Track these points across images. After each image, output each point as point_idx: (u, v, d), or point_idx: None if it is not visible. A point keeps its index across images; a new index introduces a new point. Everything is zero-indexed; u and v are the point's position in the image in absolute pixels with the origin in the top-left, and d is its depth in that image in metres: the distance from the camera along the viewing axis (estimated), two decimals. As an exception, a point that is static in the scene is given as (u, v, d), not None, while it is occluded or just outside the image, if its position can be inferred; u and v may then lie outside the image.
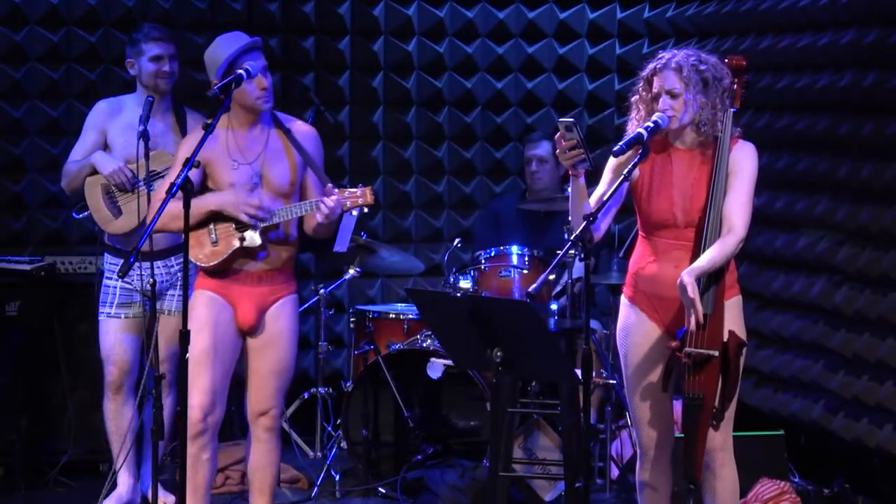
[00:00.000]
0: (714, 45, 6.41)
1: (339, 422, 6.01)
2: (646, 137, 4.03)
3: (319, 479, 5.85)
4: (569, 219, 4.31)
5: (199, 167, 4.40)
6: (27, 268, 5.88)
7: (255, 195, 4.65)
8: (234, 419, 6.24)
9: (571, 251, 3.99)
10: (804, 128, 5.82)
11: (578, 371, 4.30)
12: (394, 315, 6.14)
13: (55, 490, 5.80)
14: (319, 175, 4.72)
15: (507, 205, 6.58)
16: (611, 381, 5.67)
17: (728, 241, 4.08)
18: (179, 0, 6.68)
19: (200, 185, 4.70)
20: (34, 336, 5.87)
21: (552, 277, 5.85)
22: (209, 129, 4.47)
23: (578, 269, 5.55)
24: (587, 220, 3.90)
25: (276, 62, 6.88)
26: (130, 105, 5.38)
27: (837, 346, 5.51)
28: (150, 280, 4.52)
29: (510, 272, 5.86)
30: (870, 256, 5.36)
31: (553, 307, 5.80)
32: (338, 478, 5.85)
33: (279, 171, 4.69)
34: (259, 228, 4.62)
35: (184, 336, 4.31)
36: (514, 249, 5.91)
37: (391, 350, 5.86)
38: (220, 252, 4.67)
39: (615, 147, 4.03)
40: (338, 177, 7.07)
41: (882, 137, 5.31)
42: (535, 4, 7.22)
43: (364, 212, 4.67)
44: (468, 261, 6.23)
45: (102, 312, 5.37)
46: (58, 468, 5.83)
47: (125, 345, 5.36)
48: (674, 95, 4.10)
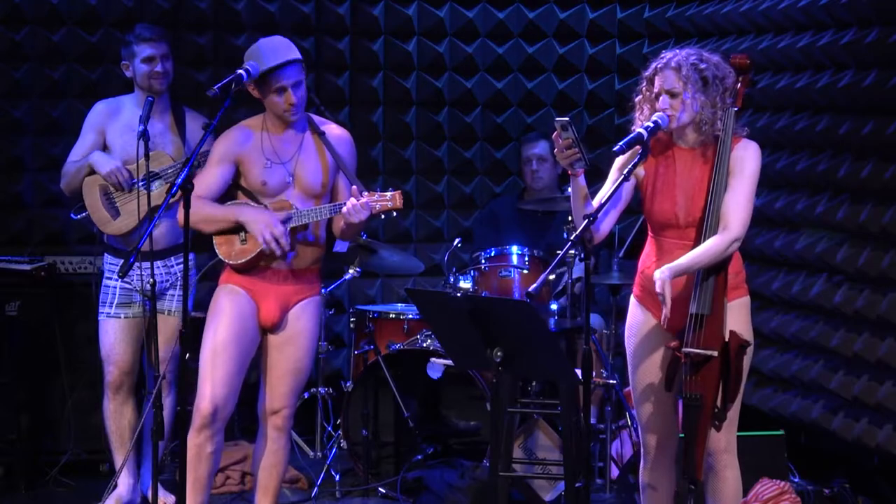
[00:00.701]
0: (714, 45, 6.41)
1: (339, 422, 6.02)
2: (645, 137, 4.03)
3: (319, 479, 5.85)
4: (569, 218, 4.31)
5: (198, 166, 4.40)
6: (27, 268, 5.88)
7: (287, 195, 4.69)
8: (235, 419, 6.24)
9: (571, 251, 3.99)
10: (804, 128, 5.82)
11: (578, 371, 4.30)
12: (394, 315, 6.14)
13: (55, 490, 5.80)
14: (350, 178, 4.74)
15: (506, 205, 6.58)
16: (611, 381, 5.67)
17: (717, 241, 4.06)
18: (179, 0, 6.67)
19: (233, 184, 4.75)
20: (34, 336, 5.87)
21: (552, 277, 5.85)
22: (209, 129, 4.48)
23: (578, 269, 5.55)
24: (587, 220, 3.91)
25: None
26: (129, 105, 5.38)
27: (837, 346, 5.52)
28: (151, 280, 4.52)
29: (510, 272, 5.86)
30: (870, 256, 5.36)
31: (553, 307, 5.81)
32: (338, 478, 5.85)
33: (311, 173, 4.73)
34: (287, 228, 4.63)
35: (184, 336, 4.32)
36: (514, 249, 5.91)
37: (391, 350, 5.86)
38: (248, 251, 4.70)
39: (615, 147, 4.04)
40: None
41: (882, 137, 5.31)
42: (535, 4, 7.22)
43: (393, 216, 4.68)
44: (468, 261, 6.22)
45: (102, 312, 5.38)
46: (58, 468, 5.83)
47: (125, 345, 5.37)
48: (673, 94, 4.11)
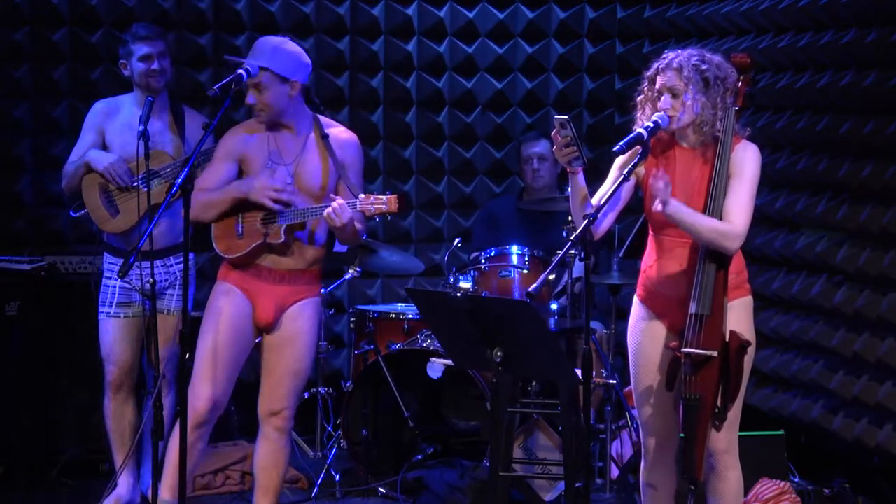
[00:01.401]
0: (714, 45, 6.41)
1: (339, 422, 6.02)
2: (646, 137, 4.03)
3: (319, 479, 5.85)
4: (569, 218, 4.32)
5: (198, 166, 4.40)
6: (27, 268, 5.88)
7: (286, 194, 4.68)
8: (234, 419, 6.24)
9: (571, 251, 3.99)
10: (804, 128, 5.82)
11: (578, 371, 4.30)
12: (394, 315, 6.14)
13: (55, 490, 5.80)
14: (346, 182, 4.73)
15: (505, 205, 6.58)
16: (611, 381, 5.67)
17: (720, 223, 4.04)
18: (179, 0, 6.67)
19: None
20: (34, 336, 5.87)
21: (552, 277, 5.85)
22: (209, 129, 4.48)
23: (578, 269, 5.55)
24: (588, 220, 3.91)
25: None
26: (128, 105, 5.38)
27: (837, 346, 5.52)
28: (150, 280, 4.52)
29: (510, 272, 5.86)
30: (870, 256, 5.36)
31: (553, 307, 5.80)
32: (338, 478, 5.85)
33: (311, 175, 4.73)
34: (284, 225, 4.63)
35: (184, 336, 4.32)
36: (514, 249, 5.91)
37: (391, 350, 5.86)
38: (242, 246, 4.70)
39: (616, 146, 4.04)
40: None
41: (882, 137, 5.31)
42: (535, 4, 7.22)
43: (387, 219, 4.68)
44: (467, 261, 6.22)
45: (102, 312, 5.37)
46: (58, 468, 5.83)
47: (125, 344, 5.36)
48: (675, 94, 4.11)
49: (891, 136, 5.26)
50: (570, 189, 4.18)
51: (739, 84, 4.20)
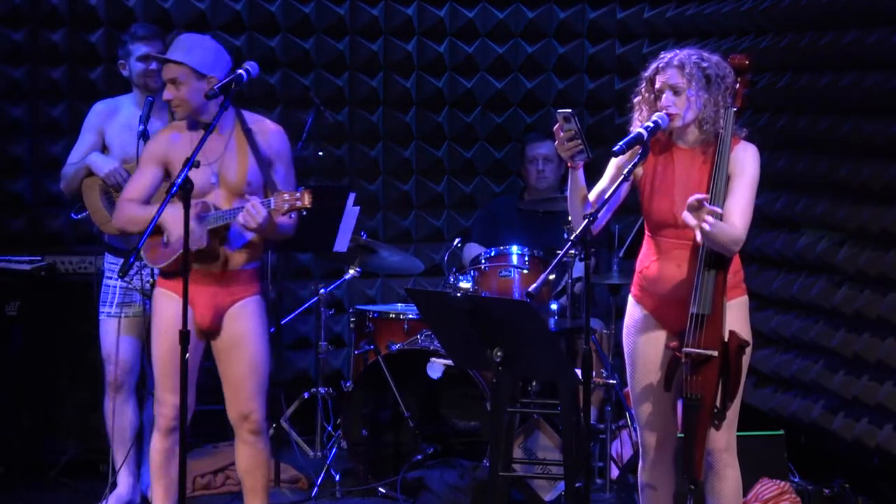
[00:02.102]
0: (714, 45, 6.41)
1: (339, 422, 6.02)
2: (646, 137, 4.03)
3: (319, 479, 5.85)
4: (569, 217, 4.31)
5: (198, 166, 4.38)
6: (27, 268, 5.88)
7: (214, 197, 4.61)
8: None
9: (571, 251, 3.99)
10: (804, 128, 5.82)
11: (578, 371, 4.30)
12: (394, 315, 6.14)
13: (55, 490, 5.80)
14: (274, 176, 4.66)
15: (505, 205, 6.58)
16: (611, 381, 5.67)
17: (730, 230, 4.04)
18: (179, 0, 6.67)
19: (161, 186, 4.70)
20: (34, 336, 5.87)
21: (552, 277, 5.85)
22: (209, 129, 4.48)
23: (578, 269, 5.55)
24: (587, 220, 3.91)
25: (276, 62, 6.89)
26: (127, 105, 5.38)
27: (837, 346, 5.52)
28: (150, 280, 4.52)
29: (510, 272, 5.86)
30: (870, 256, 5.36)
31: (553, 307, 5.80)
32: (338, 478, 5.85)
33: (236, 173, 4.64)
34: (205, 232, 4.55)
35: (183, 336, 4.32)
36: (514, 249, 5.91)
37: (391, 350, 5.86)
38: (168, 254, 4.63)
39: (615, 147, 4.03)
40: (338, 177, 7.08)
41: (882, 137, 5.31)
42: (535, 4, 7.22)
43: (303, 214, 4.56)
44: (467, 262, 6.23)
45: (103, 312, 5.38)
46: (58, 468, 5.83)
47: (125, 344, 5.36)
48: (677, 92, 4.11)
49: (891, 136, 5.26)
50: (570, 185, 4.16)
51: (737, 85, 4.20)
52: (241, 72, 4.58)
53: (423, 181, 7.24)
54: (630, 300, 4.38)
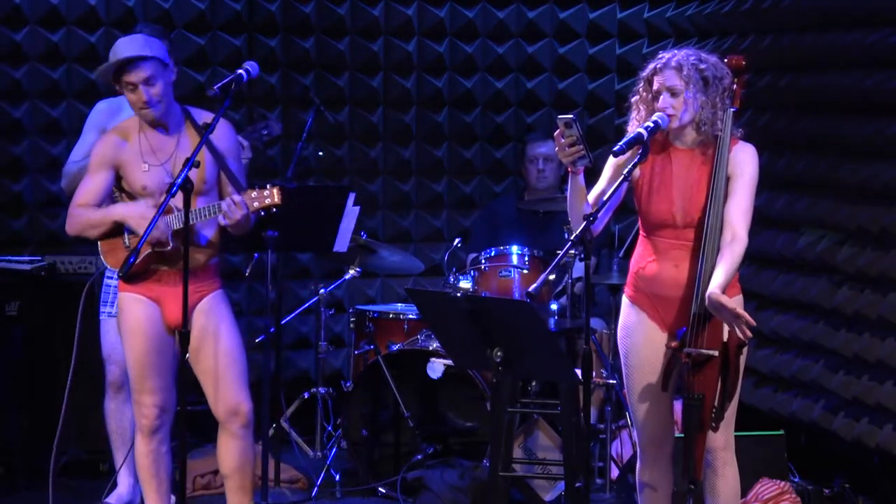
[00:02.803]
0: (714, 45, 6.41)
1: (339, 422, 6.02)
2: (646, 137, 4.03)
3: (319, 479, 5.85)
4: (568, 218, 4.31)
5: (198, 166, 4.38)
6: (27, 268, 5.87)
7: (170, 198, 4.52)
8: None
9: (572, 251, 3.99)
10: (804, 128, 5.82)
11: (578, 371, 4.30)
12: (394, 315, 6.14)
13: (55, 490, 5.79)
14: (226, 172, 4.64)
15: (505, 205, 6.58)
16: (611, 381, 5.67)
17: (736, 250, 4.06)
18: (179, 0, 6.67)
19: (115, 187, 4.68)
20: (34, 336, 5.86)
21: (552, 277, 5.85)
22: (209, 129, 4.47)
23: (578, 269, 5.55)
24: (587, 221, 3.91)
25: (276, 62, 6.89)
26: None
27: (837, 346, 5.52)
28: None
29: (510, 272, 5.86)
30: (870, 256, 5.36)
31: (553, 307, 5.80)
32: (338, 478, 5.85)
33: (193, 171, 4.54)
34: (170, 231, 4.53)
35: (184, 336, 4.31)
36: (514, 249, 5.91)
37: (391, 350, 5.86)
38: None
39: (615, 147, 4.03)
40: (338, 177, 7.08)
41: (882, 137, 5.31)
42: (535, 4, 7.22)
43: (273, 212, 4.56)
44: (467, 262, 6.23)
45: (104, 312, 5.37)
46: (58, 468, 5.82)
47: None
48: (674, 93, 4.10)
49: (891, 137, 5.26)
50: (570, 189, 4.16)
51: (735, 86, 4.20)
52: (241, 72, 4.58)
53: (423, 181, 7.24)
54: (624, 301, 4.38)
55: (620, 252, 5.95)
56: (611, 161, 4.24)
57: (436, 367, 5.60)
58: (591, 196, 4.20)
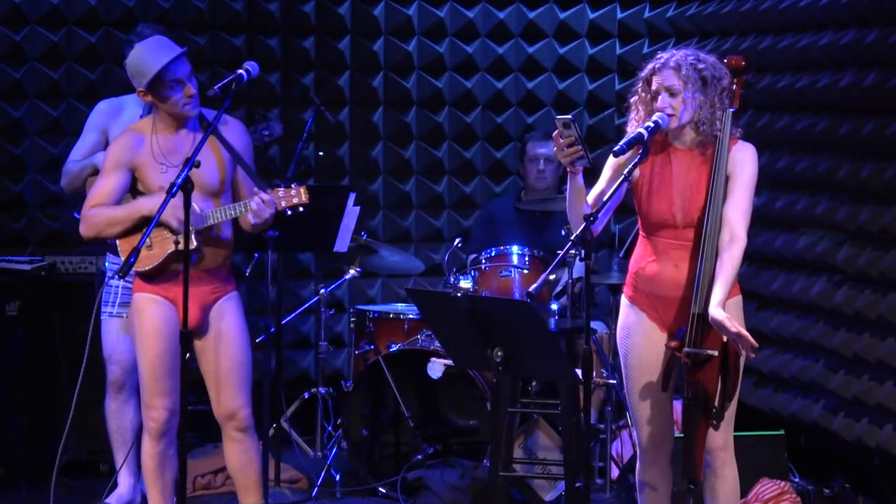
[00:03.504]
0: (714, 45, 6.41)
1: (339, 422, 6.02)
2: (646, 137, 4.03)
3: (319, 479, 5.85)
4: (567, 219, 4.31)
5: (198, 166, 4.37)
6: (27, 268, 5.87)
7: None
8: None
9: (572, 251, 3.99)
10: (804, 128, 5.82)
11: (578, 371, 4.30)
12: (394, 315, 6.14)
13: (55, 490, 5.79)
14: (245, 170, 4.66)
15: (504, 206, 6.57)
16: (611, 381, 5.67)
17: (735, 253, 4.07)
18: (179, 0, 6.67)
19: (130, 190, 4.67)
20: (34, 336, 5.86)
21: (552, 277, 5.85)
22: (209, 130, 4.47)
23: (578, 269, 5.55)
24: (587, 221, 3.91)
25: (276, 62, 6.90)
26: (131, 105, 5.37)
27: (837, 346, 5.52)
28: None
29: (510, 272, 5.86)
30: (870, 256, 5.36)
31: (553, 307, 5.80)
32: (338, 478, 5.85)
33: (207, 171, 4.59)
34: (195, 231, 4.53)
35: (184, 336, 4.31)
36: (515, 249, 5.91)
37: (391, 350, 5.86)
38: (156, 256, 4.61)
39: (615, 147, 4.03)
40: (338, 177, 7.08)
41: (882, 137, 5.31)
42: (535, 4, 7.22)
43: (299, 211, 4.58)
44: (467, 262, 6.23)
45: (105, 312, 5.37)
46: (58, 468, 5.82)
47: (127, 344, 5.35)
48: (673, 93, 4.10)
49: (891, 136, 5.26)
50: (569, 190, 4.15)
51: (734, 86, 4.20)
52: (241, 72, 4.58)
53: (423, 181, 7.24)
54: (623, 301, 4.38)
55: (620, 252, 5.95)
56: (611, 161, 4.24)
57: (436, 367, 5.60)
58: (591, 196, 4.20)
